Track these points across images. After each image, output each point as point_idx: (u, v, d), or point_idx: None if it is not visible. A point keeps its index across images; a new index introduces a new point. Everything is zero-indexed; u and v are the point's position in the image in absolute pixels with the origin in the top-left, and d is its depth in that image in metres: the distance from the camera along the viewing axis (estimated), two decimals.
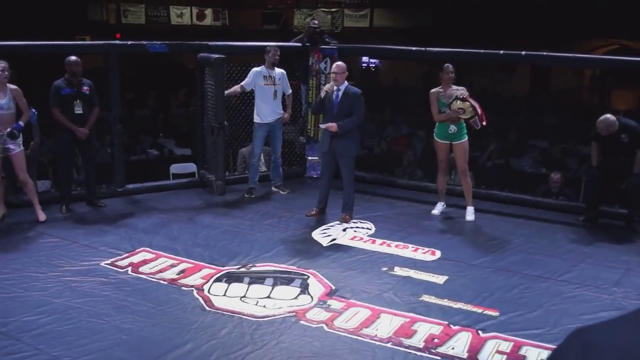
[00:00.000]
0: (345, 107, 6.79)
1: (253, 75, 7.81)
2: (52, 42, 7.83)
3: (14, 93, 6.58)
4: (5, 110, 6.53)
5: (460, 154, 7.10)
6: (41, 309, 4.79)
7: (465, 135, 7.07)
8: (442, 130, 7.11)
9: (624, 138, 6.71)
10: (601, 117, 6.76)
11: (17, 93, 6.61)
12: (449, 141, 7.10)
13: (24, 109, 6.68)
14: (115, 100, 7.75)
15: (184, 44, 8.95)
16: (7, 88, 6.55)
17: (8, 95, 6.54)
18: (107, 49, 7.84)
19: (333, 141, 6.83)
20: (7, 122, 6.54)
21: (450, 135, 7.07)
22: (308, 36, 8.91)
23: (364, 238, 6.52)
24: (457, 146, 7.08)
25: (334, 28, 21.44)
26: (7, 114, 6.55)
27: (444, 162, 7.28)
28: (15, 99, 6.59)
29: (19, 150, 6.65)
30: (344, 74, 6.83)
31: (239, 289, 5.20)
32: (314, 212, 7.12)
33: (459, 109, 6.86)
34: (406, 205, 7.78)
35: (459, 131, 7.03)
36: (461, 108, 6.85)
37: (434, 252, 6.12)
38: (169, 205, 7.57)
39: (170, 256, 5.90)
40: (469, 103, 6.84)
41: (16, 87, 6.62)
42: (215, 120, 7.53)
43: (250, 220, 7.03)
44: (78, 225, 6.87)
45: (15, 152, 6.62)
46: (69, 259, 5.81)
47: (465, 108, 6.84)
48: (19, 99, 6.62)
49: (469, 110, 6.83)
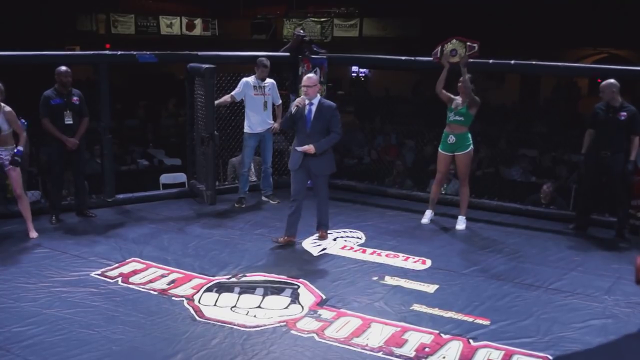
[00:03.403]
0: (320, 123, 6.27)
1: (243, 85, 7.82)
2: (42, 53, 7.83)
3: (8, 115, 6.46)
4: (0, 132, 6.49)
5: (463, 165, 7.11)
6: (31, 320, 4.77)
7: (469, 145, 7.06)
8: (444, 141, 7.13)
9: (622, 116, 6.70)
10: (604, 82, 6.79)
11: (11, 115, 6.48)
12: (451, 152, 7.11)
13: (19, 131, 6.57)
14: (105, 111, 7.72)
15: (174, 54, 8.94)
16: (0, 109, 6.47)
17: (1, 118, 6.43)
18: (97, 59, 7.82)
19: (306, 159, 6.32)
20: (2, 142, 6.48)
21: (451, 146, 7.07)
22: (295, 45, 8.92)
23: (354, 247, 6.51)
24: (460, 157, 7.08)
25: (324, 38, 21.53)
26: (2, 136, 6.47)
27: (442, 174, 7.29)
28: (9, 121, 6.50)
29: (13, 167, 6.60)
30: (315, 87, 6.32)
31: (230, 299, 5.19)
32: (282, 240, 6.49)
33: (451, 52, 7.13)
34: (396, 215, 7.79)
35: (460, 141, 7.02)
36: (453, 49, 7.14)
37: (425, 261, 6.12)
38: (159, 215, 7.55)
39: (160, 266, 5.88)
40: (454, 40, 7.18)
41: (10, 109, 6.50)
42: (205, 130, 7.52)
43: (241, 230, 7.02)
44: (68, 235, 6.83)
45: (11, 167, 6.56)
46: (59, 270, 5.78)
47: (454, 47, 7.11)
48: (13, 121, 6.51)
49: (458, 44, 7.10)
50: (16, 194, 6.71)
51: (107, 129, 7.76)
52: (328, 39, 21.67)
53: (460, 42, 7.19)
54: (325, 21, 22.36)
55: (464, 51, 7.13)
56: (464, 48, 7.15)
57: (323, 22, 22.35)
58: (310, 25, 22.04)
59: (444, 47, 7.26)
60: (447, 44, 7.23)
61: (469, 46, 7.12)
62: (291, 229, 6.49)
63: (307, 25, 21.89)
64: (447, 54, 7.17)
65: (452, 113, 7.06)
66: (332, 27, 22.28)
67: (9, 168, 6.55)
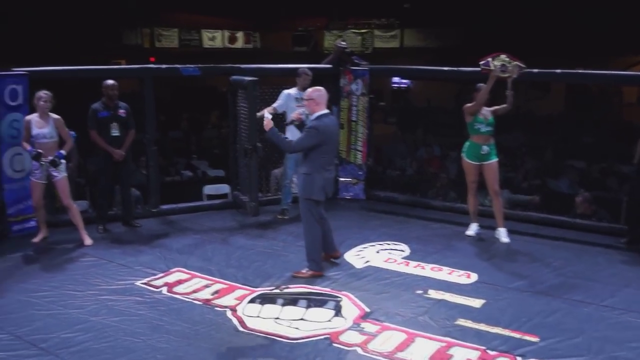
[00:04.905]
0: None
1: (284, 97, 7.85)
2: (90, 67, 8.02)
3: (57, 122, 6.72)
4: (49, 138, 6.68)
5: (492, 175, 7.02)
6: (79, 327, 4.87)
7: (495, 155, 7.00)
8: (474, 151, 7.04)
9: None
10: None
11: (59, 122, 6.75)
12: (479, 162, 7.03)
13: (66, 138, 6.82)
14: (150, 123, 7.85)
15: (217, 67, 9.02)
16: (49, 117, 6.70)
17: (51, 124, 6.69)
18: (142, 72, 7.97)
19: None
20: (50, 150, 6.68)
21: (482, 156, 7.00)
22: (337, 57, 8.93)
23: (397, 260, 6.45)
24: (488, 167, 7.00)
25: (364, 49, 21.52)
26: (50, 142, 6.70)
27: (474, 183, 7.19)
28: (57, 128, 6.72)
29: (61, 177, 6.77)
30: (310, 101, 5.85)
31: (273, 310, 5.19)
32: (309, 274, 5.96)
33: (500, 67, 6.95)
34: (440, 227, 7.69)
35: (491, 151, 6.97)
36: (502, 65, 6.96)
37: (470, 274, 6.03)
38: (203, 226, 7.62)
39: (204, 276, 5.92)
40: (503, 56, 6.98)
41: (59, 116, 6.75)
42: (248, 142, 7.57)
43: (284, 242, 7.02)
44: (114, 244, 6.96)
45: (58, 178, 6.75)
46: (106, 278, 5.88)
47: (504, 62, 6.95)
48: (61, 128, 6.75)
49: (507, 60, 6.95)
50: (64, 203, 6.86)
51: (152, 141, 7.88)
52: (369, 50, 21.65)
53: (508, 59, 7.05)
54: (366, 32, 22.36)
55: (512, 68, 7.00)
56: (512, 65, 7.01)
57: (364, 33, 22.35)
58: (351, 36, 22.05)
59: (492, 60, 7.15)
60: (495, 57, 7.11)
61: (518, 65, 6.99)
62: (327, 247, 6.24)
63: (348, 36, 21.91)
64: (497, 68, 7.04)
65: (482, 124, 6.97)
66: (372, 39, 22.26)
67: (57, 178, 6.70)
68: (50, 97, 6.72)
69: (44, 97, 6.68)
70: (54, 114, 6.75)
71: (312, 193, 5.87)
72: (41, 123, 6.66)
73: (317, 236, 5.98)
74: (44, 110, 6.66)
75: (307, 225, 5.99)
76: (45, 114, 6.68)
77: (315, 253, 6.00)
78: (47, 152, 6.65)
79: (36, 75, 7.26)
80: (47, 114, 6.69)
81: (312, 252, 6.00)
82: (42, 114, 6.67)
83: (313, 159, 5.84)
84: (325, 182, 5.90)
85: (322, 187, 5.87)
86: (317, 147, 5.78)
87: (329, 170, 5.96)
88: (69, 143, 6.85)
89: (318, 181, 5.83)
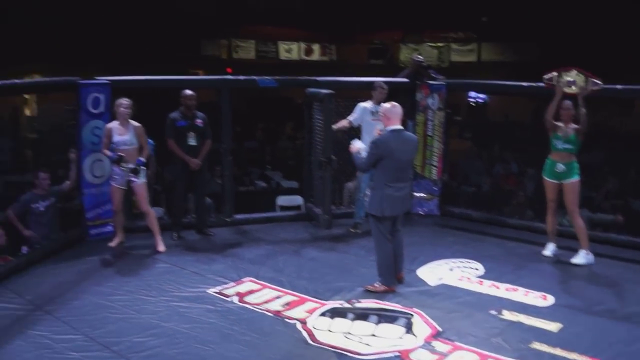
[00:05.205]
0: None
1: (360, 111, 7.83)
2: (170, 77, 8.21)
3: (137, 130, 6.92)
4: (129, 145, 6.87)
5: (569, 194, 6.79)
6: (151, 332, 4.98)
7: (576, 174, 6.76)
8: (550, 168, 6.86)
9: None
10: None
11: (140, 130, 6.95)
12: (558, 180, 6.83)
13: (145, 145, 7.01)
14: (227, 133, 7.97)
15: (293, 79, 9.10)
16: (130, 124, 6.89)
17: (131, 132, 6.88)
18: (220, 83, 8.11)
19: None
20: (131, 156, 6.87)
21: (559, 174, 6.80)
22: (413, 71, 8.87)
23: (471, 278, 6.32)
24: (567, 186, 6.79)
25: (441, 63, 21.31)
26: (131, 149, 6.89)
27: (553, 202, 6.98)
28: (137, 135, 6.91)
29: (141, 183, 6.95)
30: (382, 117, 5.91)
31: (343, 324, 5.16)
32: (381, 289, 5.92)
33: (569, 82, 6.77)
34: (516, 246, 7.49)
35: (568, 170, 6.76)
36: (571, 80, 6.76)
37: (546, 296, 5.83)
38: (276, 237, 7.67)
39: (275, 287, 5.95)
40: (574, 71, 6.77)
41: (139, 124, 6.95)
42: (322, 155, 7.59)
43: (356, 255, 6.98)
44: (188, 252, 7.09)
45: (138, 184, 6.93)
46: (178, 285, 6.00)
47: (573, 77, 6.74)
48: (141, 135, 6.95)
49: (577, 77, 6.71)
50: (142, 209, 7.04)
51: (228, 151, 8.00)
52: (445, 63, 21.43)
53: (581, 75, 6.83)
54: (443, 46, 22.14)
55: (584, 84, 6.78)
56: (584, 81, 6.79)
57: (440, 47, 22.14)
58: (427, 50, 21.88)
59: (561, 75, 6.94)
60: (566, 72, 6.90)
61: (592, 82, 6.75)
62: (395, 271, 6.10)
63: (424, 50, 21.75)
64: (564, 83, 6.85)
65: (560, 141, 6.78)
66: (449, 52, 22.02)
67: (136, 184, 6.88)
68: (131, 104, 6.92)
69: (125, 104, 6.88)
70: (134, 122, 6.94)
71: (372, 208, 5.86)
72: (122, 130, 6.86)
73: (386, 252, 5.92)
74: (125, 117, 6.86)
75: (375, 240, 5.97)
76: (126, 121, 6.88)
77: (386, 268, 5.93)
78: (127, 158, 6.84)
79: (117, 85, 7.50)
80: (127, 121, 6.88)
81: (383, 267, 5.94)
82: (123, 121, 6.87)
83: (376, 174, 5.85)
84: (385, 198, 5.75)
85: (380, 203, 5.77)
86: (378, 163, 5.75)
87: (393, 187, 5.75)
88: (146, 150, 7.04)
89: (379, 196, 5.78)
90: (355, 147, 6.03)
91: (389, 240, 5.91)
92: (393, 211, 5.84)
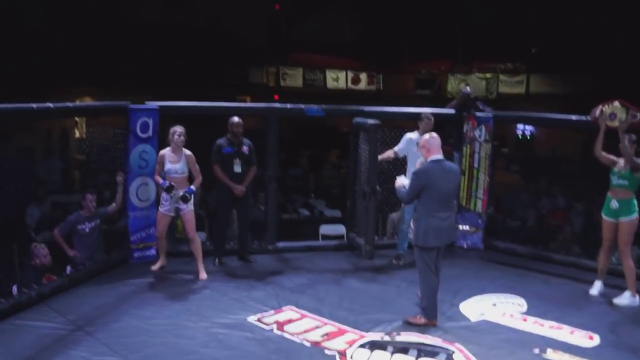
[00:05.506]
0: None
1: (406, 142, 7.80)
2: (218, 104, 8.28)
3: (188, 159, 7.02)
4: (180, 174, 6.97)
5: (622, 233, 6.62)
6: (188, 357, 5.01)
7: (634, 212, 6.58)
8: (607, 206, 6.73)
9: None
10: None
11: (191, 159, 7.04)
12: (614, 218, 6.66)
13: (196, 174, 7.09)
14: (272, 160, 8.02)
15: (340, 109, 9.09)
16: (182, 153, 7.00)
17: (183, 160, 6.98)
18: (268, 111, 8.18)
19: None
20: (180, 184, 6.97)
21: (613, 212, 6.65)
22: (461, 102, 8.82)
23: (514, 315, 6.19)
24: (621, 224, 6.62)
25: (488, 94, 21.17)
26: (181, 178, 6.99)
27: (607, 241, 6.80)
28: (188, 164, 7.01)
29: (189, 210, 7.02)
30: (422, 148, 5.93)
31: (383, 357, 5.10)
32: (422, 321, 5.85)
33: (610, 115, 6.67)
34: (562, 283, 7.31)
35: (624, 207, 6.59)
36: (612, 113, 6.66)
37: (592, 336, 5.67)
38: (317, 266, 7.65)
39: (315, 317, 5.92)
40: (617, 103, 6.67)
41: (190, 153, 7.04)
42: (367, 185, 7.56)
43: (397, 287, 6.92)
44: (229, 278, 7.12)
45: (186, 211, 7.01)
46: (218, 311, 6.02)
47: (614, 110, 6.62)
48: (192, 164, 7.04)
49: (619, 108, 6.57)
50: (189, 236, 7.10)
51: (273, 178, 8.04)
52: (493, 95, 21.27)
53: (622, 107, 6.72)
54: (491, 77, 21.99)
55: (625, 116, 6.65)
56: (625, 113, 6.67)
57: (488, 78, 21.99)
58: (475, 81, 21.77)
59: (604, 107, 6.83)
60: (608, 105, 6.80)
61: (632, 114, 6.63)
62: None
63: (472, 81, 21.65)
64: (606, 116, 6.73)
65: (615, 176, 6.66)
66: (497, 83, 21.85)
67: (184, 211, 6.95)
68: (184, 132, 7.01)
69: (179, 131, 6.97)
70: (186, 150, 7.03)
71: (418, 239, 5.80)
72: (174, 158, 6.96)
73: (430, 284, 5.83)
74: (178, 145, 6.96)
75: (420, 272, 5.88)
76: (179, 149, 6.98)
77: (429, 301, 5.84)
78: (177, 186, 6.93)
79: (166, 110, 7.64)
80: (180, 149, 6.98)
81: (426, 299, 5.86)
82: (176, 149, 6.97)
83: (420, 205, 5.82)
84: (431, 228, 5.70)
85: (425, 234, 5.71)
86: (421, 194, 5.72)
87: (438, 217, 5.71)
88: (198, 179, 7.10)
89: (423, 227, 5.73)
90: (399, 182, 6.04)
91: (433, 272, 5.83)
92: (438, 241, 5.78)
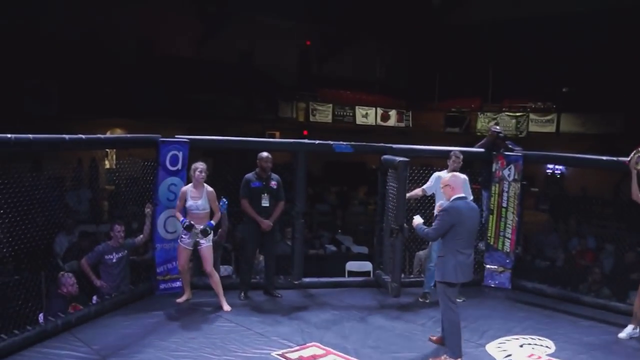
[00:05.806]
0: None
1: (435, 180, 7.79)
2: (247, 139, 8.36)
3: (209, 195, 7.12)
4: (201, 210, 7.07)
5: None
6: None
7: None
8: None
9: None
10: None
11: (212, 195, 7.14)
12: None
13: (215, 210, 7.20)
14: (301, 196, 8.05)
15: (369, 146, 9.10)
16: (204, 189, 7.09)
17: (204, 197, 7.08)
18: (296, 147, 8.23)
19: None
20: (201, 220, 7.07)
21: None
22: (490, 141, 8.80)
23: (542, 357, 6.09)
24: None
25: (518, 132, 21.09)
26: (202, 214, 7.09)
27: None
28: (209, 200, 7.10)
29: (207, 245, 7.10)
30: (446, 187, 5.99)
31: None
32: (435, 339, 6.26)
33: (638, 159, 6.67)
34: (591, 326, 7.18)
35: None
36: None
37: None
38: (343, 302, 7.62)
39: (339, 354, 5.89)
40: None
41: (212, 189, 7.14)
42: (395, 222, 7.54)
43: (423, 326, 6.85)
44: (254, 312, 7.12)
45: (204, 246, 7.08)
46: (242, 345, 6.02)
47: None
48: (213, 200, 7.14)
49: None
50: (206, 271, 7.16)
51: (301, 214, 8.07)
52: (523, 134, 21.18)
53: None
54: (521, 116, 21.92)
55: None
56: None
57: (518, 116, 21.93)
58: (505, 119, 21.74)
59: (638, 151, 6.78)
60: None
61: None
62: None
63: (502, 119, 21.62)
64: (635, 161, 6.67)
65: None
66: (527, 122, 21.75)
67: (202, 247, 7.01)
68: (205, 168, 7.11)
69: (200, 167, 7.07)
70: (208, 187, 7.13)
71: (444, 275, 5.80)
72: (196, 194, 7.05)
73: (454, 321, 5.80)
74: (199, 181, 7.06)
75: (444, 310, 5.88)
76: (200, 185, 7.07)
77: (454, 338, 5.79)
78: (198, 222, 7.03)
79: (196, 144, 7.74)
80: (202, 185, 7.08)
81: (451, 338, 5.80)
82: (197, 185, 7.07)
83: (446, 242, 5.83)
84: (459, 265, 5.75)
85: (454, 270, 5.75)
86: (449, 230, 5.75)
87: (464, 254, 5.79)
88: (217, 215, 7.22)
89: (452, 263, 5.75)
90: (416, 222, 6.11)
91: (455, 308, 5.82)
92: (464, 278, 5.84)
